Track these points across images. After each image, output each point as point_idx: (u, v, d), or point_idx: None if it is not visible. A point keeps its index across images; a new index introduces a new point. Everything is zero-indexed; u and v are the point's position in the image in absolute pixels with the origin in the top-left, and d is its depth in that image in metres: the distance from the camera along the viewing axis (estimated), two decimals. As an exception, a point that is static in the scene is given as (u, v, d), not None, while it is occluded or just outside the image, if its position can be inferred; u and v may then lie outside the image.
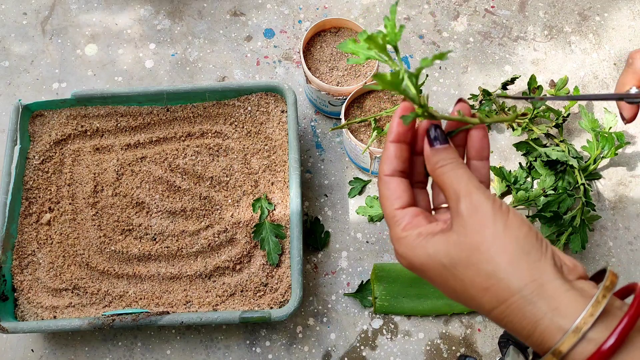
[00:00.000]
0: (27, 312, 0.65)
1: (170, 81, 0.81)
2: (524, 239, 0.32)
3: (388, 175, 0.37)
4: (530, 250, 0.32)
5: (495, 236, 0.32)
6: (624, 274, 0.70)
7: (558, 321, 0.30)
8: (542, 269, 0.31)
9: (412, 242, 0.35)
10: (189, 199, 0.69)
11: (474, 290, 0.33)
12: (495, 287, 0.32)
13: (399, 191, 0.37)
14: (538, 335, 0.31)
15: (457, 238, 0.33)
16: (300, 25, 0.83)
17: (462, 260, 0.33)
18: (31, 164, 0.70)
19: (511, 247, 0.32)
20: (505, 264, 0.32)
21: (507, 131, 0.77)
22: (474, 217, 0.33)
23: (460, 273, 0.33)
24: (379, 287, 0.67)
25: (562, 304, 0.30)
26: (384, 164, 0.37)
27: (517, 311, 0.31)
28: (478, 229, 0.33)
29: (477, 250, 0.32)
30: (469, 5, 0.84)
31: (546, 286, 0.31)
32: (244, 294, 0.66)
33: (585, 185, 0.69)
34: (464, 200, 0.33)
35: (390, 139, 0.37)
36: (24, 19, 0.84)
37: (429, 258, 0.34)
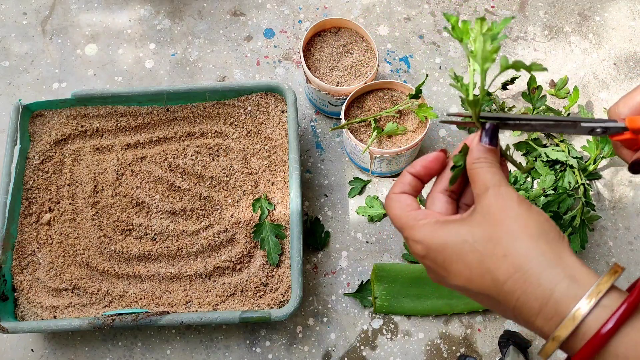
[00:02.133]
0: (27, 312, 0.65)
1: (170, 81, 0.81)
2: (545, 222, 0.35)
3: (396, 193, 0.40)
4: (549, 231, 0.34)
5: (519, 216, 0.34)
6: (624, 274, 0.70)
7: (574, 288, 0.31)
8: (560, 247, 0.33)
9: (431, 226, 0.37)
10: (189, 199, 0.69)
11: (492, 260, 0.34)
12: (514, 255, 0.33)
13: (409, 201, 0.39)
14: (552, 303, 0.31)
15: (482, 217, 0.35)
16: (300, 25, 0.83)
17: (484, 235, 0.34)
18: (31, 164, 0.70)
19: (532, 226, 0.34)
20: (527, 237, 0.33)
21: (507, 131, 0.77)
22: (500, 200, 0.35)
23: (479, 245, 0.34)
24: (379, 287, 0.67)
25: (579, 273, 0.32)
26: (396, 186, 0.40)
27: (534, 277, 0.32)
28: (502, 209, 0.35)
29: (500, 226, 0.34)
30: (469, 5, 0.85)
31: (564, 257, 0.33)
32: (244, 294, 0.66)
33: (585, 185, 0.69)
34: (493, 189, 0.36)
35: (411, 170, 0.40)
36: (24, 19, 0.84)
37: (450, 235, 0.36)
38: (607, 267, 0.70)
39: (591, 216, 0.69)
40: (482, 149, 0.38)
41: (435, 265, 0.37)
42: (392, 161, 0.69)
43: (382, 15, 0.84)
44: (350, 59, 0.72)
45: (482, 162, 0.37)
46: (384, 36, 0.83)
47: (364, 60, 0.72)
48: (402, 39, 0.82)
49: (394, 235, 0.72)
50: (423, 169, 0.40)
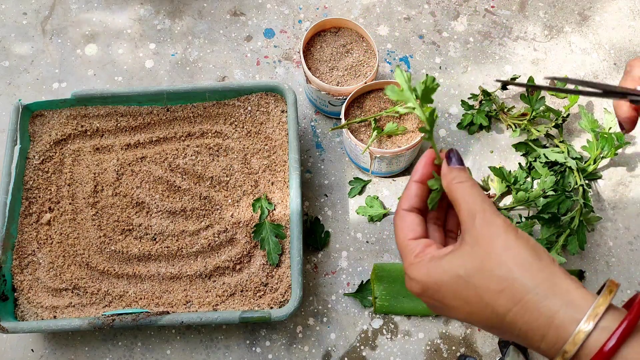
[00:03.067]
0: (27, 312, 0.65)
1: (170, 81, 0.81)
2: (534, 246, 0.35)
3: (405, 210, 0.40)
4: (540, 255, 0.34)
5: (507, 244, 0.35)
6: (624, 274, 0.70)
7: (572, 313, 0.32)
8: (553, 271, 0.34)
9: (425, 264, 0.37)
10: (189, 199, 0.69)
11: (488, 295, 0.34)
12: (510, 288, 0.33)
13: (413, 225, 0.39)
14: (554, 330, 0.32)
15: (471, 249, 0.35)
16: (300, 25, 0.83)
17: (476, 268, 0.35)
18: (31, 164, 0.70)
19: (523, 253, 0.34)
20: (518, 267, 0.34)
21: (506, 131, 0.77)
22: (487, 229, 0.35)
23: (474, 281, 0.35)
24: (379, 287, 0.67)
25: (575, 298, 0.33)
26: (403, 200, 0.40)
27: (533, 309, 0.33)
28: (490, 239, 0.35)
29: (490, 257, 0.34)
30: (469, 5, 0.84)
31: (559, 284, 0.33)
32: (244, 294, 0.66)
33: (583, 186, 0.69)
34: (478, 215, 0.36)
35: (415, 178, 0.40)
36: (24, 19, 0.84)
37: (444, 273, 0.36)
38: (607, 267, 0.70)
39: (591, 217, 0.69)
40: (455, 169, 0.38)
41: (434, 302, 0.37)
42: (392, 161, 0.69)
43: (382, 15, 0.84)
44: (350, 59, 0.72)
45: (459, 182, 0.38)
46: (384, 36, 0.83)
47: (364, 60, 0.72)
48: (402, 39, 0.82)
49: (394, 235, 0.72)
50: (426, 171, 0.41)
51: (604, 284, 0.35)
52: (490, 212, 0.36)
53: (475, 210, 0.36)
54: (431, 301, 0.38)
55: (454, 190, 0.38)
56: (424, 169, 0.40)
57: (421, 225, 0.40)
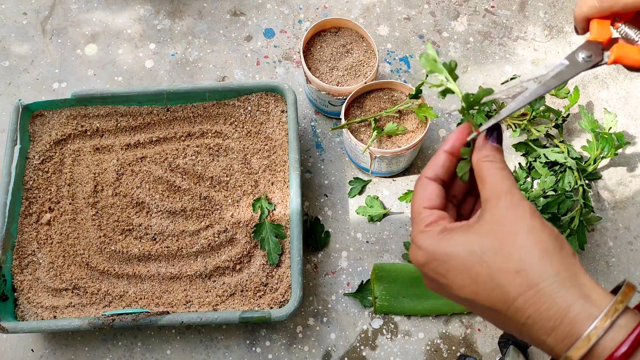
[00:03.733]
0: (27, 312, 0.65)
1: (170, 81, 0.81)
2: (557, 236, 0.34)
3: (428, 178, 0.38)
4: (563, 247, 0.33)
5: (532, 229, 0.33)
6: (624, 274, 0.70)
7: (589, 308, 0.31)
8: (574, 264, 0.33)
9: (437, 234, 0.35)
10: (189, 199, 0.69)
11: (502, 276, 0.33)
12: (527, 272, 0.32)
13: (433, 195, 0.38)
14: (567, 323, 0.31)
15: (491, 228, 0.34)
16: (300, 25, 0.83)
17: (494, 247, 0.33)
18: (31, 164, 0.70)
19: (546, 241, 0.33)
20: (541, 252, 0.32)
21: (506, 131, 0.77)
22: (513, 211, 0.34)
23: (489, 258, 0.33)
24: (379, 287, 0.67)
25: (594, 293, 0.31)
26: (429, 168, 0.38)
27: (548, 296, 0.31)
28: (515, 221, 0.33)
29: (511, 239, 0.33)
30: (469, 5, 0.85)
31: (578, 277, 0.32)
32: (244, 294, 0.66)
33: (583, 186, 0.69)
34: (506, 197, 0.34)
35: (444, 148, 0.38)
36: (24, 19, 0.84)
37: (457, 246, 0.34)
38: (607, 267, 0.70)
39: (591, 217, 0.69)
40: (490, 146, 0.37)
41: (437, 275, 0.35)
42: (392, 161, 0.69)
43: (382, 15, 0.84)
44: (350, 59, 0.72)
45: (491, 161, 0.36)
46: (384, 36, 0.83)
47: (364, 60, 0.72)
48: (402, 39, 0.82)
49: (394, 235, 0.72)
50: (459, 143, 0.38)
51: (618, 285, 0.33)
52: (518, 196, 0.35)
53: (501, 190, 0.35)
54: (433, 274, 0.36)
55: (483, 167, 0.36)
56: (457, 140, 0.38)
57: (440, 197, 0.38)
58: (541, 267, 0.32)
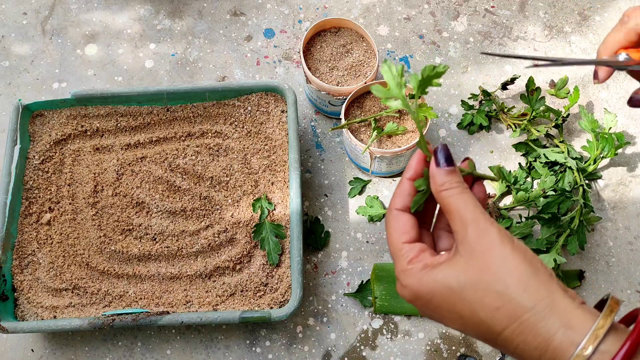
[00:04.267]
0: (27, 312, 0.65)
1: (170, 81, 0.81)
2: (531, 260, 0.33)
3: (399, 210, 0.38)
4: (538, 270, 0.33)
5: (504, 257, 0.33)
6: (624, 274, 0.70)
7: (571, 335, 0.31)
8: (551, 288, 0.32)
9: (418, 272, 0.35)
10: (189, 199, 0.69)
11: (484, 312, 0.33)
12: (507, 306, 0.32)
13: (407, 226, 0.37)
14: (551, 352, 0.31)
15: (465, 262, 0.34)
16: (300, 25, 0.83)
17: (471, 282, 0.33)
18: (31, 164, 0.70)
19: (520, 267, 0.32)
20: (516, 282, 0.32)
21: (506, 131, 0.77)
22: (482, 240, 0.33)
23: (468, 295, 0.33)
24: (379, 287, 0.67)
25: (574, 319, 0.31)
26: (396, 198, 0.38)
27: (530, 328, 0.31)
28: (486, 251, 0.33)
29: (486, 272, 0.33)
30: (469, 5, 0.85)
31: (557, 303, 0.32)
32: (244, 294, 0.66)
33: (583, 186, 0.69)
34: (471, 225, 0.34)
35: (408, 175, 0.38)
36: (24, 19, 0.84)
37: (436, 284, 0.34)
38: (607, 267, 0.70)
39: (591, 217, 0.69)
40: (442, 172, 0.36)
41: (427, 310, 0.36)
42: (392, 161, 0.69)
43: (382, 15, 0.84)
44: (350, 59, 0.72)
45: (448, 189, 0.35)
46: (384, 36, 0.83)
47: (364, 60, 0.72)
48: (402, 39, 0.82)
49: (394, 235, 0.72)
50: (419, 168, 0.38)
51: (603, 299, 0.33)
52: (483, 221, 0.34)
53: (467, 219, 0.34)
54: (423, 309, 0.36)
55: (443, 198, 0.36)
56: (417, 165, 0.38)
57: (415, 227, 0.38)
58: (519, 299, 0.32)
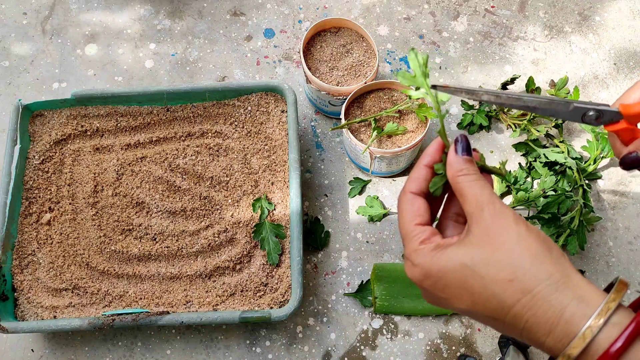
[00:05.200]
0: (27, 312, 0.65)
1: (170, 81, 0.81)
2: (545, 239, 0.34)
3: (414, 193, 0.39)
4: (552, 248, 0.34)
5: (519, 235, 0.34)
6: (624, 274, 0.70)
7: (584, 308, 0.31)
8: (564, 265, 0.33)
9: (430, 252, 0.36)
10: (189, 199, 0.69)
11: (496, 285, 0.33)
12: (521, 278, 0.33)
13: (421, 210, 0.38)
14: (563, 324, 0.32)
15: (479, 240, 0.35)
16: (300, 25, 0.83)
17: (484, 258, 0.34)
18: (31, 164, 0.70)
19: (534, 244, 0.34)
20: (531, 258, 0.33)
21: (506, 131, 0.77)
22: (497, 220, 0.35)
23: (481, 270, 0.34)
24: (379, 287, 0.67)
25: (587, 292, 0.32)
26: (412, 182, 0.39)
27: (543, 300, 0.32)
28: (501, 230, 0.34)
29: (500, 248, 0.34)
30: (469, 5, 0.84)
31: (571, 277, 0.33)
32: (244, 294, 0.66)
33: (583, 186, 0.69)
34: (488, 207, 0.35)
35: (425, 162, 0.39)
36: (24, 19, 0.84)
37: (449, 262, 0.35)
38: (607, 267, 0.70)
39: (591, 217, 0.69)
40: (461, 160, 0.37)
41: (435, 290, 0.37)
42: (392, 161, 0.69)
43: (382, 15, 0.84)
44: (350, 59, 0.72)
45: (466, 174, 0.37)
46: (384, 36, 0.83)
47: (364, 60, 0.72)
48: (402, 39, 0.82)
49: (394, 235, 0.72)
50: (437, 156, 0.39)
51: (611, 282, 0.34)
52: (499, 204, 0.35)
53: (483, 202, 0.35)
54: (431, 290, 0.37)
55: (459, 182, 0.37)
56: (435, 153, 0.39)
57: (428, 212, 0.39)
58: (533, 272, 0.33)
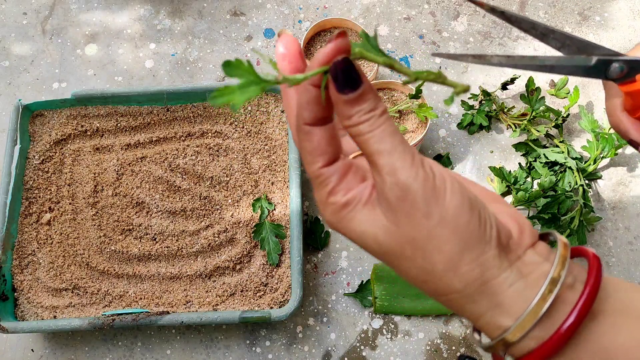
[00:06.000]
0: (27, 312, 0.65)
1: (170, 81, 0.81)
2: (465, 229, 0.27)
3: (309, 125, 0.28)
4: (472, 243, 0.27)
5: (431, 232, 0.27)
6: (624, 274, 0.70)
7: (498, 319, 0.27)
8: (485, 265, 0.27)
9: (338, 213, 0.29)
10: (189, 198, 0.69)
11: (410, 279, 0.29)
12: (435, 283, 0.28)
13: (323, 144, 0.28)
14: (480, 326, 0.29)
15: (387, 224, 0.28)
16: (300, 25, 0.83)
17: (393, 251, 0.28)
18: (31, 164, 0.70)
19: (450, 244, 0.27)
20: (444, 264, 0.27)
21: (506, 131, 0.77)
22: (403, 204, 0.27)
23: (392, 261, 0.29)
24: (379, 287, 0.67)
25: (506, 299, 0.27)
26: (304, 110, 0.28)
27: (457, 306, 0.29)
28: (409, 220, 0.27)
29: (410, 245, 0.27)
30: (469, 5, 0.84)
31: (489, 283, 0.27)
32: (244, 294, 0.66)
33: (583, 186, 0.69)
34: (389, 180, 0.27)
35: (312, 81, 0.28)
36: (24, 19, 0.84)
37: (358, 237, 0.29)
38: (607, 267, 0.70)
39: (591, 217, 0.69)
40: (346, 102, 0.27)
41: None
42: (392, 161, 0.69)
43: (382, 15, 0.84)
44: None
45: (357, 123, 0.27)
46: (384, 36, 0.83)
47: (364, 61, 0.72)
48: (402, 39, 0.82)
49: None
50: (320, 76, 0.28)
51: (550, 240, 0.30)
52: (403, 173, 0.26)
53: (381, 168, 0.27)
54: None
55: (354, 136, 0.28)
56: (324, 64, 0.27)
57: (332, 141, 0.29)
58: (447, 281, 0.28)
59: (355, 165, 0.30)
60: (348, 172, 0.29)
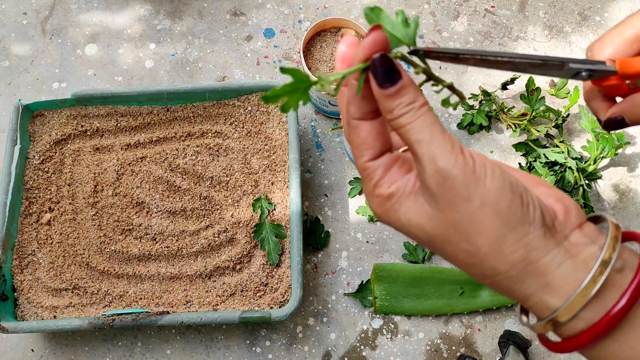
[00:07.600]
0: (27, 312, 0.65)
1: (170, 81, 0.81)
2: (507, 211, 0.27)
3: (357, 119, 0.30)
4: (515, 225, 0.27)
5: (472, 216, 0.27)
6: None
7: (548, 300, 0.28)
8: (530, 245, 0.27)
9: (384, 204, 0.30)
10: (189, 199, 0.69)
11: (457, 263, 0.29)
12: (480, 265, 0.28)
13: (370, 139, 0.30)
14: (528, 307, 0.29)
15: (430, 212, 0.29)
16: (300, 25, 0.83)
17: (438, 237, 0.29)
18: (31, 164, 0.70)
19: (492, 226, 0.27)
20: (487, 246, 0.28)
21: (506, 131, 0.77)
22: (444, 190, 0.27)
23: (438, 247, 0.29)
24: (379, 287, 0.67)
25: (555, 279, 0.27)
26: (351, 105, 0.30)
27: (505, 287, 0.29)
28: (451, 205, 0.28)
29: (453, 229, 0.28)
30: (469, 5, 0.85)
31: (536, 263, 0.28)
32: (244, 294, 0.66)
33: (583, 186, 0.69)
34: (428, 167, 0.28)
35: (355, 77, 0.29)
36: (24, 19, 0.84)
37: (403, 227, 0.30)
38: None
39: (591, 216, 0.69)
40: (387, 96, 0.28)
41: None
42: (392, 161, 0.69)
43: (382, 15, 0.84)
44: (350, 59, 0.72)
45: (398, 116, 0.28)
46: (384, 36, 0.83)
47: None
48: (402, 39, 0.82)
49: (394, 235, 0.72)
50: None
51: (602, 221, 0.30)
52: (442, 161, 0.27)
53: (422, 157, 0.28)
54: None
55: (396, 128, 0.29)
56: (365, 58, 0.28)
57: (379, 135, 0.30)
58: (491, 262, 0.28)
59: (402, 159, 0.30)
60: (393, 165, 0.30)
